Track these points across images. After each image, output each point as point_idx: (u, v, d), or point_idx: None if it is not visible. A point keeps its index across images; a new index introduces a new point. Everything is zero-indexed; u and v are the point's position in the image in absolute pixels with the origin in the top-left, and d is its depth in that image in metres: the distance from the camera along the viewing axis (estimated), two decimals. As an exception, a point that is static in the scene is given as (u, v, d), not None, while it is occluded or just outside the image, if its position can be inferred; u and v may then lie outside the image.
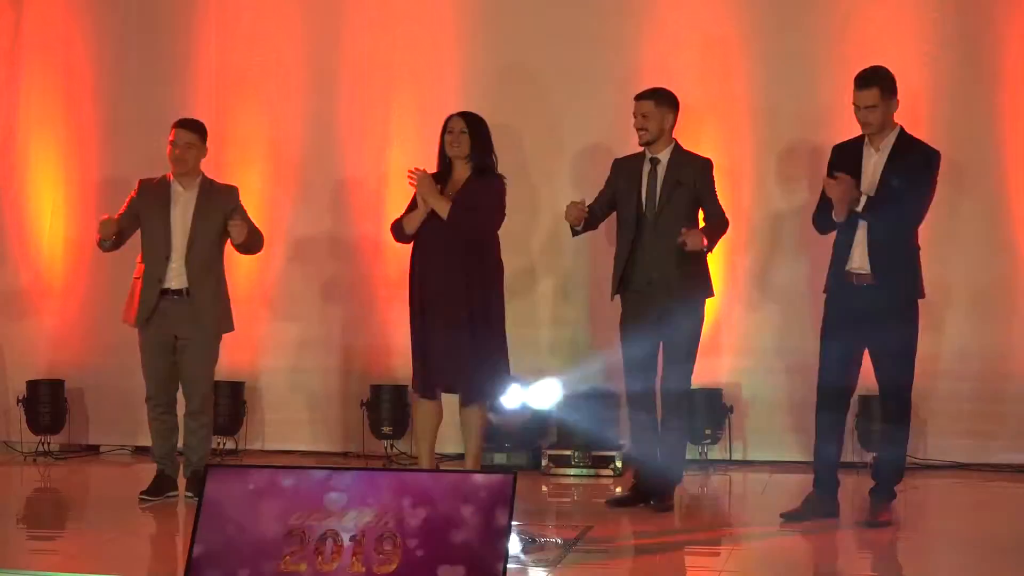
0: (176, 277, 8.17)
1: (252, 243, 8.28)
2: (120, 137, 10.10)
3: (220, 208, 8.25)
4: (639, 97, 8.01)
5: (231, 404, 9.67)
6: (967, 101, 9.21)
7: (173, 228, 8.19)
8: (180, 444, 8.41)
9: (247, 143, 9.91)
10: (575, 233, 8.09)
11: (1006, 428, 9.14)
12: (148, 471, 8.43)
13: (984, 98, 9.21)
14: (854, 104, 7.54)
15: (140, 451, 9.63)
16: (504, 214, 7.91)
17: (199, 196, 8.25)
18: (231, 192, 8.38)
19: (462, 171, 7.92)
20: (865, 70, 7.54)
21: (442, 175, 7.94)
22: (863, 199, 7.42)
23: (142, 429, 8.57)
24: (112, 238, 8.18)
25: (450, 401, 7.97)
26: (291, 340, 9.93)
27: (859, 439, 9.02)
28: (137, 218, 8.27)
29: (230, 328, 8.37)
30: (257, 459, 9.57)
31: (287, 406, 9.96)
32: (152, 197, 8.26)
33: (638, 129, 7.97)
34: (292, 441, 9.94)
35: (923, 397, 8.82)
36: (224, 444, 9.64)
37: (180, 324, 8.17)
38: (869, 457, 8.92)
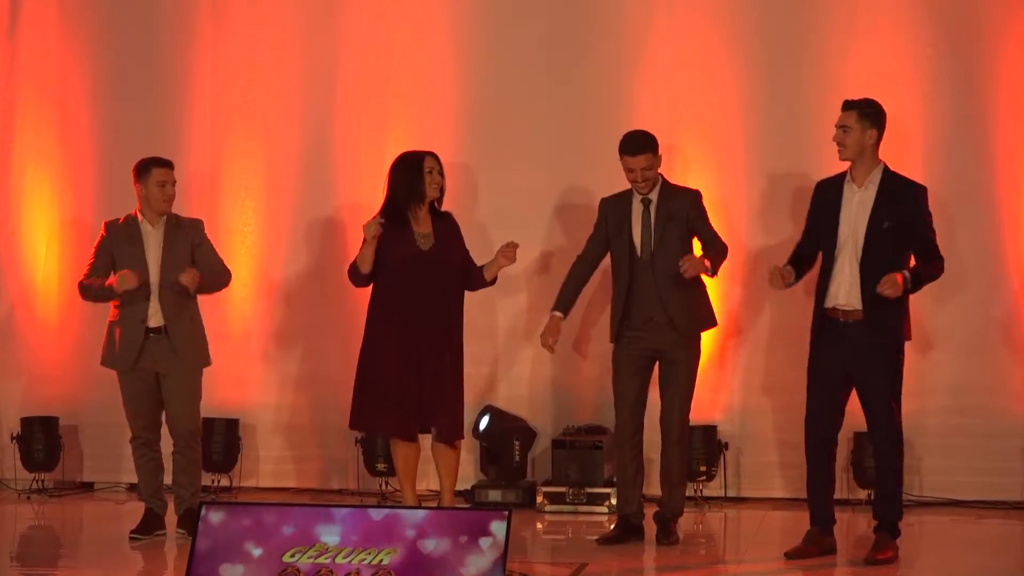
0: (155, 315, 8.16)
1: (210, 285, 8.28)
2: (115, 173, 9.90)
3: (188, 242, 8.25)
4: (631, 153, 7.96)
5: (225, 441, 9.62)
6: (960, 137, 9.21)
7: (151, 268, 8.18)
8: (169, 481, 8.39)
9: (242, 178, 9.89)
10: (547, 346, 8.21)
11: (1002, 464, 9.10)
12: (141, 509, 8.39)
13: (978, 134, 9.20)
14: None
15: (134, 488, 9.57)
16: None
17: (166, 233, 8.24)
18: (196, 225, 8.38)
19: (425, 209, 8.01)
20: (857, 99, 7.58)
21: (399, 215, 7.98)
22: (909, 276, 7.39)
23: (133, 466, 8.52)
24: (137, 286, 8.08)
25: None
26: (286, 377, 9.89)
27: (854, 476, 9.00)
28: (111, 263, 8.24)
29: (207, 363, 8.36)
30: (252, 496, 9.56)
31: (282, 443, 9.91)
32: (123, 238, 8.24)
33: (640, 182, 7.97)
34: (287, 478, 9.91)
35: (918, 433, 8.82)
36: (218, 481, 9.60)
37: (161, 362, 8.16)
38: (863, 494, 8.91)
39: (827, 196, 7.70)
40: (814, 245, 7.75)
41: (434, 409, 7.92)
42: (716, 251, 7.95)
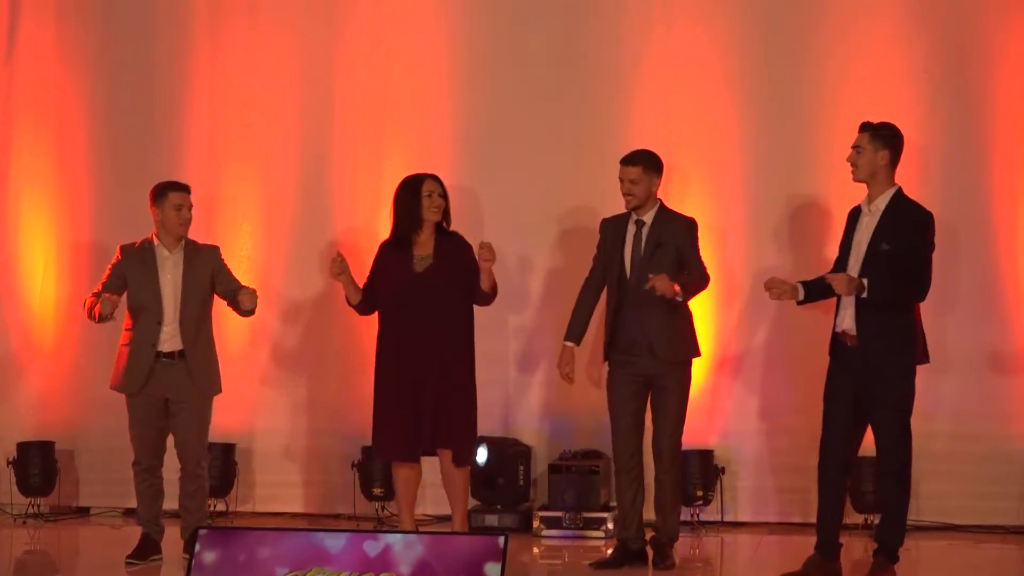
0: (169, 340, 8.14)
1: (253, 308, 8.28)
2: (112, 198, 10.08)
3: (207, 268, 8.26)
4: (625, 162, 8.02)
5: (222, 465, 9.60)
6: (958, 161, 9.22)
7: (164, 292, 8.16)
8: (176, 506, 8.36)
9: (239, 204, 9.90)
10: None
11: (999, 488, 9.09)
12: (137, 533, 8.35)
13: (975, 158, 9.22)
14: None
15: (130, 513, 9.53)
16: None
17: (185, 258, 8.24)
18: (214, 252, 8.39)
19: (429, 233, 8.05)
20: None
21: (403, 239, 8.04)
22: (865, 283, 7.37)
23: (132, 491, 8.46)
24: (112, 316, 8.11)
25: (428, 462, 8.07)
26: (282, 401, 9.88)
27: (852, 501, 8.90)
28: (123, 284, 8.23)
29: (219, 390, 8.36)
30: (248, 521, 9.56)
31: (278, 468, 9.89)
32: (138, 262, 8.23)
33: (626, 195, 7.99)
34: (283, 503, 9.89)
35: (918, 458, 8.71)
36: (215, 506, 9.58)
37: (174, 387, 8.14)
38: (860, 518, 8.92)
39: (850, 221, 7.70)
40: (840, 269, 7.69)
41: (436, 432, 7.93)
42: (694, 278, 7.92)
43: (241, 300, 8.15)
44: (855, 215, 7.68)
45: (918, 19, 9.28)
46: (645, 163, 7.98)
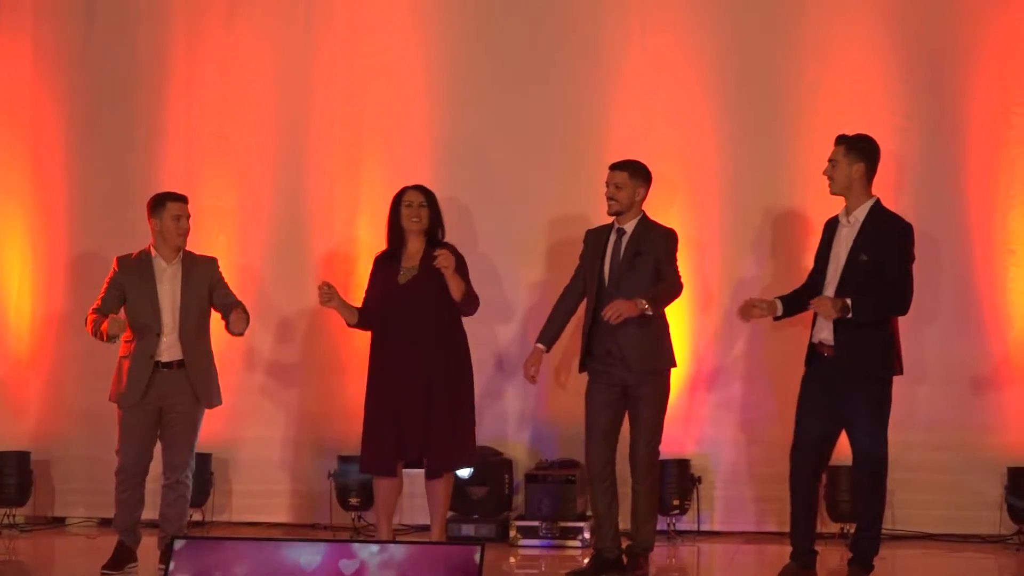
0: (168, 350, 8.13)
1: (246, 324, 8.26)
2: (88, 209, 10.07)
3: (205, 280, 8.26)
4: (614, 167, 8.03)
5: (198, 475, 9.42)
6: (934, 172, 9.24)
7: (162, 304, 8.15)
8: (155, 515, 8.34)
9: (215, 214, 9.84)
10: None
11: (972, 498, 9.10)
12: (114, 544, 8.30)
13: (950, 169, 9.24)
14: None
15: (106, 523, 9.51)
16: None
17: (184, 269, 8.22)
18: (212, 264, 8.38)
19: (416, 244, 8.04)
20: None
21: (394, 251, 8.06)
22: (849, 303, 7.37)
23: (110, 500, 8.42)
24: (119, 337, 8.08)
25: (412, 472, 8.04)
26: (259, 411, 9.85)
27: (827, 510, 8.97)
28: (122, 296, 8.20)
29: (219, 402, 8.35)
30: (224, 531, 9.49)
31: (254, 477, 9.87)
32: (136, 274, 8.20)
33: (608, 198, 7.99)
34: (259, 513, 9.85)
35: (893, 467, 8.67)
36: (191, 516, 9.55)
37: (171, 396, 8.12)
38: (836, 527, 8.92)
39: (827, 232, 7.72)
40: (815, 279, 7.73)
41: (417, 442, 7.90)
42: (666, 288, 7.89)
43: (232, 323, 8.14)
44: (832, 226, 7.70)
45: (895, 29, 9.30)
46: (632, 170, 7.99)
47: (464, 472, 8.75)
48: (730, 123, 9.46)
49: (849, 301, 7.34)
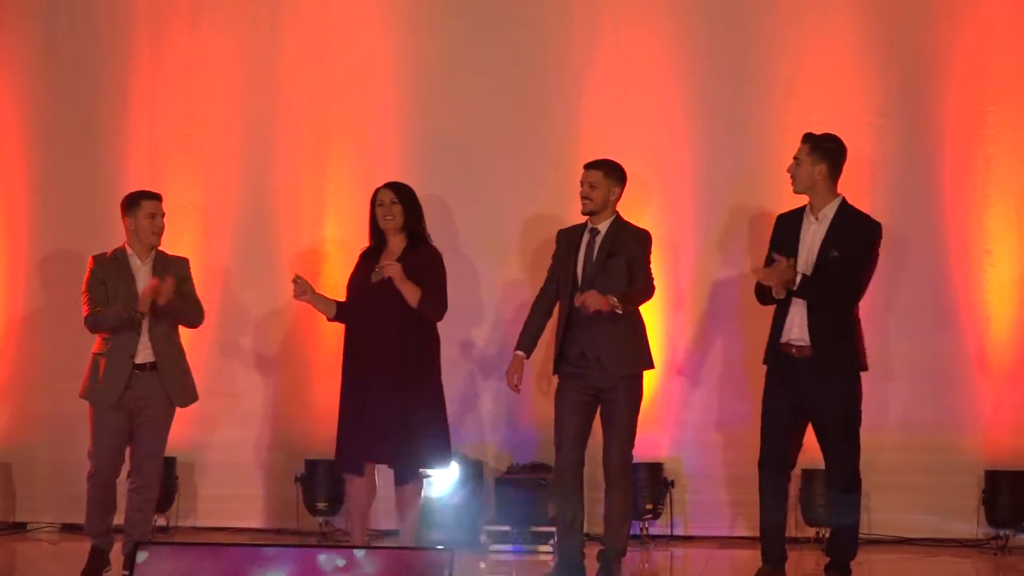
0: (143, 351, 8.01)
1: (184, 313, 8.14)
2: (52, 209, 9.98)
3: (176, 279, 8.11)
4: (589, 166, 7.96)
5: (162, 480, 9.41)
6: (909, 170, 9.21)
7: (141, 302, 8.01)
8: (120, 519, 8.18)
9: (180, 212, 9.66)
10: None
11: (950, 501, 9.06)
12: (78, 550, 8.19)
13: (926, 168, 9.21)
14: None
15: (69, 528, 9.40)
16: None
17: (155, 268, 8.11)
18: (183, 264, 8.27)
19: (397, 243, 7.95)
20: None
21: (377, 248, 7.98)
22: (799, 278, 7.39)
23: (73, 506, 8.34)
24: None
25: (386, 476, 7.90)
26: (224, 413, 9.74)
27: (803, 513, 8.93)
28: (107, 292, 8.06)
29: (196, 398, 8.24)
30: (189, 536, 9.42)
31: (219, 481, 9.77)
32: (113, 271, 8.08)
33: (583, 197, 7.91)
34: (225, 518, 9.76)
35: (867, 470, 8.74)
36: (155, 521, 9.41)
37: (146, 399, 8.00)
38: (812, 532, 8.87)
39: (787, 229, 7.68)
40: None
41: (382, 445, 7.77)
42: (637, 289, 7.81)
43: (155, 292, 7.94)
44: (793, 223, 7.65)
45: (871, 25, 9.28)
46: (607, 169, 7.92)
47: (444, 473, 8.69)
48: (704, 121, 9.43)
49: (798, 277, 7.38)
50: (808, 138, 7.59)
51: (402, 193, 7.99)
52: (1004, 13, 9.19)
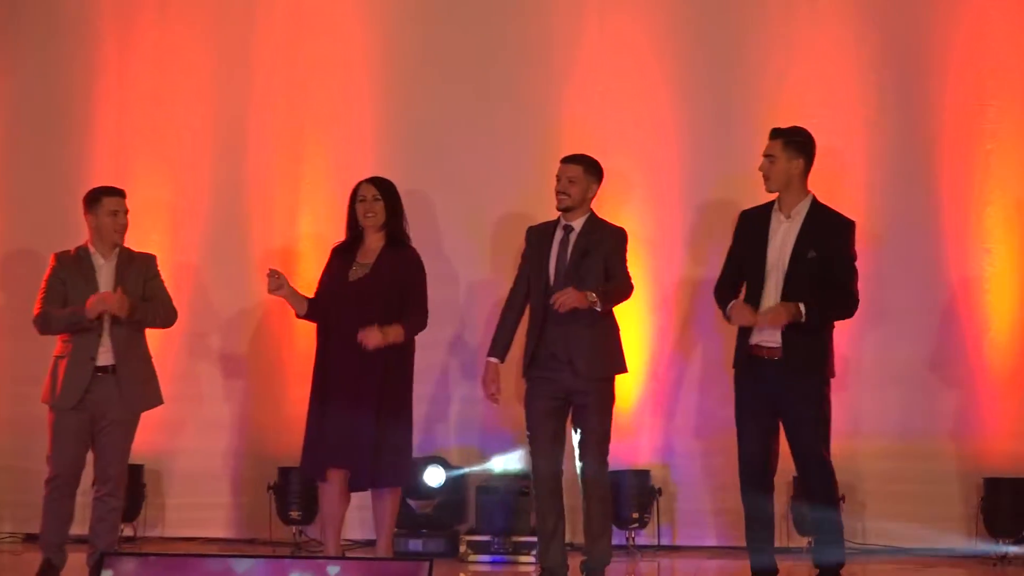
0: (104, 353, 7.88)
1: (152, 316, 8.02)
2: (15, 205, 9.87)
3: (139, 278, 8.03)
4: (567, 160, 7.85)
5: (129, 488, 9.20)
6: (907, 168, 9.17)
7: (89, 310, 7.85)
8: (85, 530, 8.05)
9: (148, 209, 9.56)
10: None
11: (947, 510, 8.98)
12: (38, 560, 7.99)
13: (923, 164, 9.17)
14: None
15: (32, 539, 9.21)
16: None
17: (119, 266, 8.00)
18: (149, 261, 8.16)
19: (375, 240, 7.84)
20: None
21: (352, 244, 7.87)
22: (803, 309, 7.21)
23: (36, 514, 8.14)
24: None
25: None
26: (193, 420, 9.63)
27: (793, 523, 8.82)
28: (66, 293, 7.92)
29: (160, 401, 8.10)
30: (157, 547, 9.30)
31: (189, 490, 9.65)
32: (75, 270, 7.97)
33: (559, 192, 7.79)
34: (194, 527, 9.63)
35: (860, 479, 8.78)
36: (121, 531, 9.19)
37: (106, 403, 7.86)
38: (804, 542, 8.73)
39: (753, 226, 7.57)
40: (737, 277, 7.60)
41: (346, 451, 7.61)
42: (616, 286, 7.71)
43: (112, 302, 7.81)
44: (759, 220, 7.53)
45: (865, 17, 9.28)
46: (586, 164, 7.84)
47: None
48: (690, 115, 9.40)
49: (802, 307, 7.23)
50: (778, 133, 7.46)
51: (385, 190, 7.88)
52: (1002, 2, 9.17)
